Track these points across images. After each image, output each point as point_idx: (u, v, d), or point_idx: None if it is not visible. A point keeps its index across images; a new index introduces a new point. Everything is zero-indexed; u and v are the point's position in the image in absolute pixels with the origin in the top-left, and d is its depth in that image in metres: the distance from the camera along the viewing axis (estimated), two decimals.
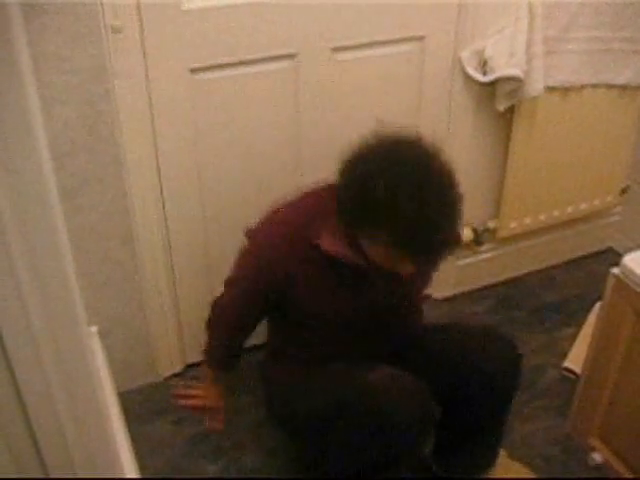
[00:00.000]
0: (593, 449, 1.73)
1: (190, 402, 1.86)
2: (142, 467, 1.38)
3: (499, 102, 2.06)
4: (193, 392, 1.86)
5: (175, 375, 2.07)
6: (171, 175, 1.79)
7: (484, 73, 1.99)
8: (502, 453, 1.74)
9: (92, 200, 1.69)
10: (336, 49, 1.82)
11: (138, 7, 1.56)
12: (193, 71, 1.69)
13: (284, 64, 1.78)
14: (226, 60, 1.71)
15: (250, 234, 1.51)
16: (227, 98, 1.76)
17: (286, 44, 1.76)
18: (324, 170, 1.93)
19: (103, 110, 1.60)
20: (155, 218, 1.81)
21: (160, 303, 1.94)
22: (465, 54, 1.98)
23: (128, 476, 1.19)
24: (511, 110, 2.10)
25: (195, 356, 2.07)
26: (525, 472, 1.78)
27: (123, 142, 1.66)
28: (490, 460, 1.69)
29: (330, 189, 1.42)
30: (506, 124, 2.15)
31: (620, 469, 1.66)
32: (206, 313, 1.63)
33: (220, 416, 1.77)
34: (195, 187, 1.83)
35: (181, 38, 1.64)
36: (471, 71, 1.99)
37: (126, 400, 1.80)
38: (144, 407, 1.97)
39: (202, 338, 1.67)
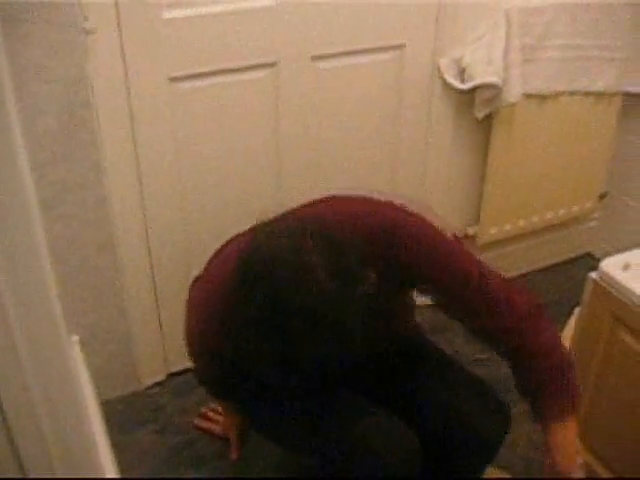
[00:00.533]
0: None
1: (204, 425, 1.88)
2: (124, 476, 1.37)
3: (478, 109, 2.08)
4: (212, 416, 1.89)
5: (157, 384, 2.07)
6: (152, 181, 1.78)
7: (462, 81, 2.01)
8: None
9: (72, 208, 1.68)
10: (316, 57, 1.83)
11: (118, 16, 1.56)
12: (173, 80, 1.69)
13: (264, 72, 1.79)
14: (206, 69, 1.72)
15: (191, 293, 1.43)
16: (207, 107, 1.76)
17: (266, 53, 1.77)
18: (304, 178, 1.95)
19: (84, 118, 1.59)
20: (136, 225, 1.81)
21: (141, 311, 1.93)
22: (444, 62, 2.00)
23: None
24: (490, 117, 2.12)
25: (177, 365, 2.06)
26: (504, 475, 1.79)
27: (103, 149, 1.66)
28: None
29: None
30: (485, 131, 2.17)
31: (601, 472, 1.68)
32: None
33: (234, 445, 1.81)
34: (176, 193, 1.83)
35: (161, 46, 1.64)
36: (450, 79, 2.01)
37: (108, 409, 1.79)
38: (126, 416, 1.96)
39: (184, 347, 1.66)
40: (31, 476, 0.88)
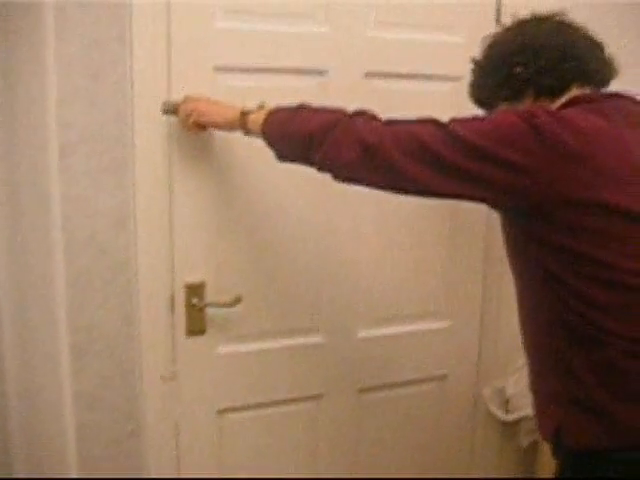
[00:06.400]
0: None
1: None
2: None
3: (523, 438, 2.05)
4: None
5: None
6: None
7: (506, 411, 2.01)
8: None
9: None
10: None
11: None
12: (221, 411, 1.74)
13: (310, 404, 1.84)
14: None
15: None
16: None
17: (312, 386, 1.83)
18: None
19: None
20: None
21: None
22: (487, 392, 2.01)
23: None
24: (535, 444, 2.08)
25: None
26: None
27: None
28: None
29: None
30: (530, 458, 2.12)
31: None
32: None
33: None
34: None
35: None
36: (494, 409, 2.01)
37: None
38: None
39: None
40: None
